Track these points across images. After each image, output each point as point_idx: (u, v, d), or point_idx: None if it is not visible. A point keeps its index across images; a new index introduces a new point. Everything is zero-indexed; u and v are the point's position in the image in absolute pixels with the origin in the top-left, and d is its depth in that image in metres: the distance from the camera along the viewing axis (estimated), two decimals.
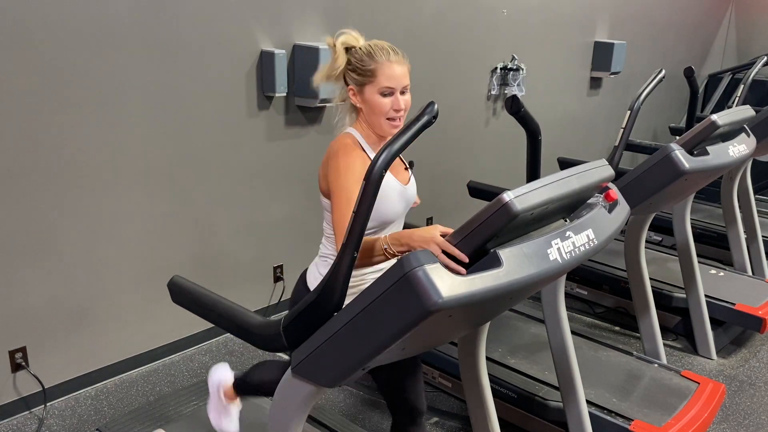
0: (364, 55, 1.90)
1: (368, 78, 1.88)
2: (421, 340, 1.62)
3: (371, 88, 1.89)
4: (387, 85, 1.87)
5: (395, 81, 1.88)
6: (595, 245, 1.61)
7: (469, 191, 3.11)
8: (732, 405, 3.22)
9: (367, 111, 1.93)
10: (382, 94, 1.88)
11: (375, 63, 1.87)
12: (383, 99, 1.89)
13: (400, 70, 1.89)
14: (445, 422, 3.01)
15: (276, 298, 3.83)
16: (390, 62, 1.88)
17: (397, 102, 1.89)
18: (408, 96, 1.93)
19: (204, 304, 1.82)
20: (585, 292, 4.17)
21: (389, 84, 1.87)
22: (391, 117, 1.90)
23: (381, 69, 1.87)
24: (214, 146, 3.32)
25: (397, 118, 1.91)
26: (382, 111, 1.89)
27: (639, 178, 2.82)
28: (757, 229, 4.36)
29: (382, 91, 1.88)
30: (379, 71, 1.87)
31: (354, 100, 1.95)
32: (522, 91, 4.87)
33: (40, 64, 2.66)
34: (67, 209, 2.87)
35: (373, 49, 1.89)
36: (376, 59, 1.88)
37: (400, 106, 1.89)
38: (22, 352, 2.87)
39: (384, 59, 1.87)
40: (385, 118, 1.90)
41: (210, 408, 2.41)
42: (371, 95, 1.89)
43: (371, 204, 1.46)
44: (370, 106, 1.91)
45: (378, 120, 1.91)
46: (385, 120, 1.91)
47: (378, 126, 1.93)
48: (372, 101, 1.90)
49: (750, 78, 4.17)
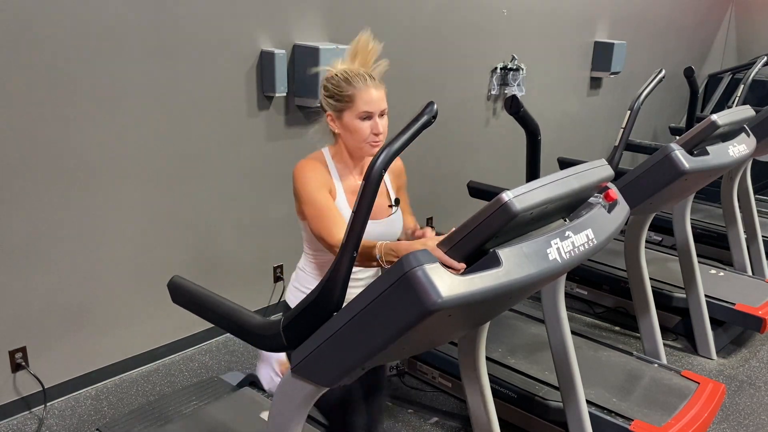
0: (341, 81, 1.91)
1: (346, 104, 1.90)
2: (420, 340, 1.62)
3: (350, 113, 1.90)
4: (366, 110, 1.89)
5: (374, 105, 1.89)
6: (595, 245, 1.61)
7: (469, 191, 3.11)
8: (732, 405, 3.22)
9: (346, 136, 1.95)
10: (360, 119, 1.90)
11: (353, 88, 1.89)
12: (362, 123, 1.90)
13: (377, 94, 1.91)
14: (445, 422, 3.01)
15: (276, 298, 3.84)
16: (368, 87, 1.89)
17: (376, 126, 1.91)
18: (385, 120, 1.95)
19: (204, 304, 1.82)
20: (585, 292, 4.17)
21: (368, 108, 1.89)
22: (371, 141, 1.92)
23: (359, 94, 1.89)
24: (214, 146, 3.32)
25: (376, 141, 1.93)
26: (362, 136, 1.92)
27: (639, 178, 2.82)
28: (757, 229, 4.36)
29: (360, 116, 1.90)
30: (357, 96, 1.89)
31: (332, 126, 1.97)
32: (522, 91, 4.87)
33: (40, 64, 2.66)
34: (67, 209, 2.87)
35: (350, 75, 1.91)
36: (353, 85, 1.89)
37: (379, 130, 1.91)
38: (22, 352, 2.87)
39: (361, 85, 1.89)
40: (365, 142, 1.92)
41: (262, 368, 2.42)
42: (350, 120, 1.91)
43: (370, 204, 1.46)
44: (349, 131, 1.93)
45: (358, 144, 1.94)
46: (365, 144, 1.93)
47: (358, 150, 1.96)
48: (351, 126, 1.91)
49: (750, 78, 4.18)
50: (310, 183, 1.91)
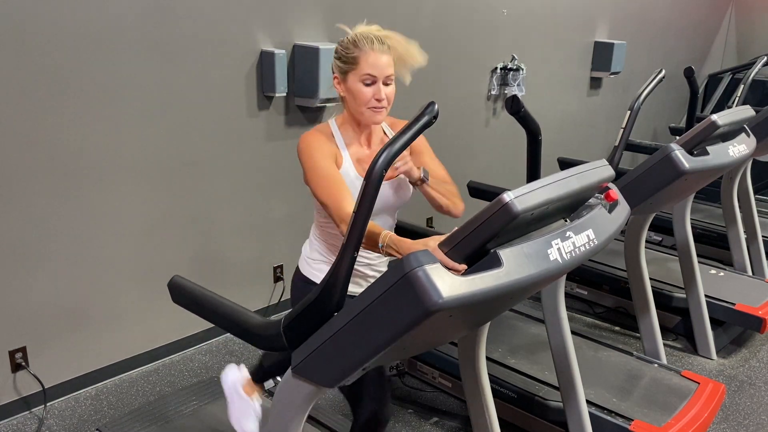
0: (349, 42, 1.89)
1: (351, 65, 1.87)
2: (421, 340, 1.62)
3: (353, 75, 1.87)
4: (369, 73, 1.85)
5: (378, 69, 1.85)
6: (596, 245, 1.61)
7: (469, 191, 3.11)
8: (732, 405, 3.22)
9: (349, 100, 1.92)
10: (363, 82, 1.87)
11: (358, 50, 1.86)
12: (365, 88, 1.87)
13: (384, 59, 1.86)
14: (445, 422, 3.01)
15: (276, 298, 3.83)
16: (374, 51, 1.85)
17: (379, 92, 1.87)
18: (392, 88, 1.91)
19: (204, 304, 1.82)
20: (585, 292, 4.17)
21: (371, 72, 1.85)
22: (373, 106, 1.88)
23: (364, 57, 1.85)
24: (214, 146, 3.32)
25: (378, 107, 1.89)
26: (363, 100, 1.88)
27: (639, 178, 2.82)
28: (757, 229, 4.36)
29: (363, 80, 1.86)
30: (362, 59, 1.85)
31: (338, 88, 1.94)
32: (522, 91, 4.87)
33: (40, 64, 2.66)
34: (67, 209, 2.87)
35: (358, 37, 1.88)
36: (359, 47, 1.86)
37: (381, 96, 1.87)
38: (22, 352, 2.87)
39: (368, 47, 1.86)
40: (367, 107, 1.89)
41: (231, 413, 2.32)
42: (353, 83, 1.88)
43: (371, 204, 1.46)
44: (352, 95, 1.90)
45: (359, 109, 1.90)
46: (366, 109, 1.89)
47: (360, 114, 1.92)
48: (354, 89, 1.88)
49: (750, 78, 4.18)
50: (314, 153, 1.88)
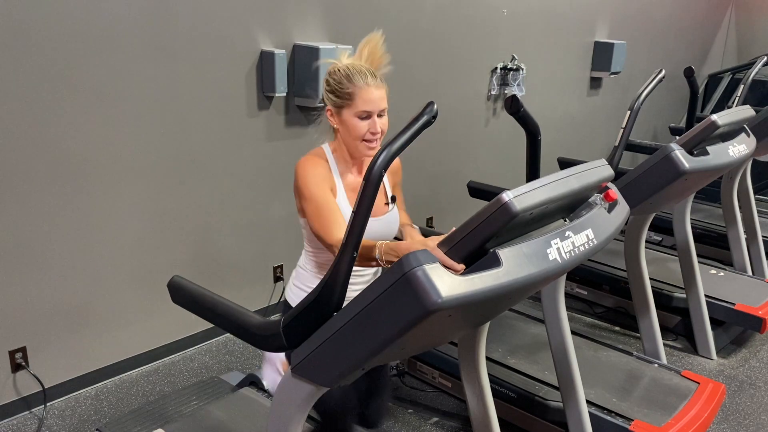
0: (342, 77, 1.91)
1: (346, 101, 1.90)
2: (420, 340, 1.62)
3: (349, 110, 1.91)
4: (364, 109, 1.89)
5: (373, 105, 1.89)
6: (595, 245, 1.61)
7: (469, 191, 3.11)
8: (732, 405, 3.22)
9: (343, 132, 1.95)
10: (359, 117, 1.90)
11: (353, 86, 1.89)
12: (360, 122, 1.90)
13: (378, 93, 1.90)
14: (445, 422, 3.01)
15: (276, 298, 3.84)
16: (368, 86, 1.89)
17: (374, 125, 1.91)
18: (385, 119, 1.95)
19: (204, 304, 1.82)
20: (585, 292, 4.17)
21: (367, 108, 1.89)
22: (368, 139, 1.92)
23: (359, 93, 1.88)
24: (214, 146, 3.32)
25: (373, 141, 1.93)
26: (359, 134, 1.91)
27: (639, 178, 2.81)
28: (757, 229, 4.36)
29: (359, 115, 1.90)
30: (357, 95, 1.88)
31: (331, 120, 1.97)
32: (522, 91, 4.87)
33: (40, 64, 2.66)
34: (66, 209, 2.87)
35: (352, 72, 1.90)
36: (354, 83, 1.89)
37: (376, 129, 1.91)
38: (22, 352, 2.87)
39: (362, 83, 1.89)
40: (362, 140, 1.92)
41: (266, 370, 2.45)
42: (348, 118, 1.91)
43: (370, 204, 1.46)
44: (347, 128, 1.93)
45: (354, 142, 1.94)
46: (361, 142, 1.93)
47: (354, 148, 1.95)
48: (349, 124, 1.92)
49: (750, 78, 4.17)
50: (311, 180, 1.91)
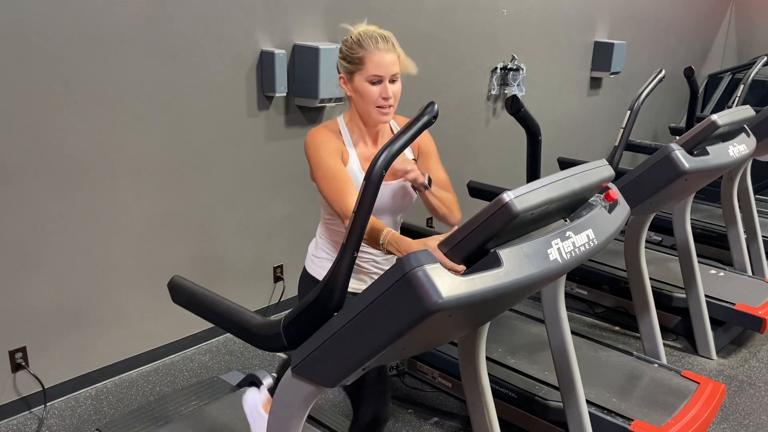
0: (353, 43, 1.90)
1: (357, 66, 1.88)
2: (421, 340, 1.62)
3: (360, 76, 1.89)
4: (375, 73, 1.87)
5: (383, 69, 1.87)
6: (595, 245, 1.61)
7: (469, 191, 3.11)
8: (732, 405, 3.22)
9: (356, 99, 1.94)
10: (370, 82, 1.88)
11: (363, 51, 1.87)
12: (372, 87, 1.89)
13: (389, 57, 1.88)
14: (445, 422, 3.01)
15: (276, 298, 3.83)
16: (378, 50, 1.87)
17: (386, 90, 1.88)
18: (398, 85, 1.92)
19: (204, 304, 1.82)
20: (585, 292, 4.17)
21: (377, 72, 1.87)
22: (380, 105, 1.90)
23: (369, 57, 1.87)
24: (214, 146, 3.32)
25: (386, 106, 1.90)
26: (370, 99, 1.89)
27: (639, 178, 2.81)
28: (757, 229, 4.36)
29: (370, 79, 1.88)
30: (368, 59, 1.87)
31: (344, 88, 1.96)
32: (522, 91, 4.87)
33: (41, 64, 2.66)
34: (66, 209, 2.87)
35: (362, 37, 1.89)
36: (364, 47, 1.87)
37: (388, 94, 1.89)
38: (22, 352, 2.87)
39: (373, 47, 1.87)
40: (374, 106, 1.90)
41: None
42: (360, 83, 1.90)
43: (371, 204, 1.46)
44: (359, 94, 1.91)
45: (367, 108, 1.92)
46: (374, 108, 1.91)
47: (367, 114, 1.93)
48: (361, 89, 1.90)
49: (750, 78, 4.17)
50: (321, 149, 1.90)
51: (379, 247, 1.72)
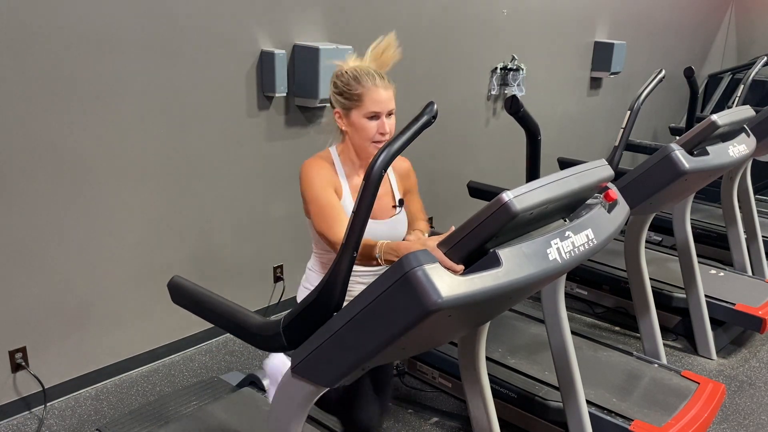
0: (350, 79, 1.92)
1: (355, 102, 1.91)
2: (421, 340, 1.62)
3: (357, 112, 1.91)
4: (373, 110, 1.90)
5: (381, 105, 1.90)
6: (595, 245, 1.61)
7: (469, 191, 3.11)
8: (732, 405, 3.22)
9: (352, 134, 1.96)
10: (368, 118, 1.91)
11: (362, 87, 1.90)
12: (369, 123, 1.91)
13: (386, 94, 1.91)
14: (445, 422, 3.01)
15: (276, 298, 3.83)
16: (376, 87, 1.90)
17: (383, 125, 1.91)
18: (393, 120, 1.95)
19: (204, 304, 1.82)
20: (585, 292, 4.17)
21: (376, 108, 1.90)
22: (377, 140, 1.93)
23: (368, 94, 1.89)
24: (214, 146, 3.32)
25: (382, 141, 1.93)
26: (368, 135, 1.92)
27: (639, 178, 2.81)
28: (757, 229, 4.36)
29: (368, 115, 1.91)
30: (366, 96, 1.89)
31: (339, 123, 1.98)
32: (522, 91, 4.87)
33: (40, 64, 2.66)
34: (67, 209, 2.87)
35: (360, 74, 1.91)
36: (362, 84, 1.90)
37: (385, 130, 1.92)
38: (22, 352, 2.87)
39: (370, 84, 1.90)
40: (371, 141, 1.93)
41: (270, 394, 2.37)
42: (357, 119, 1.92)
43: (370, 204, 1.46)
44: (356, 130, 1.94)
45: (363, 143, 1.94)
46: (370, 143, 1.93)
47: (363, 149, 1.96)
48: (358, 125, 1.92)
49: (750, 78, 4.17)
50: (315, 181, 1.92)
51: (376, 261, 1.73)
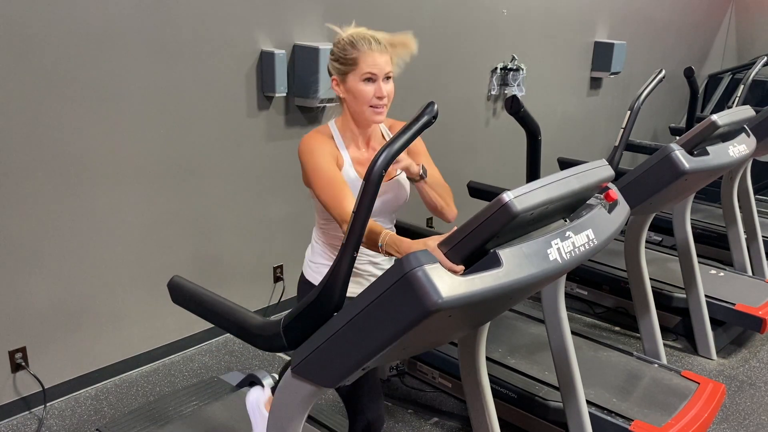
0: (346, 44, 1.92)
1: (350, 66, 1.90)
2: (421, 340, 1.62)
3: (353, 76, 1.91)
4: (369, 71, 1.89)
5: (377, 68, 1.89)
6: (595, 245, 1.61)
7: (469, 191, 3.11)
8: (732, 405, 3.22)
9: (350, 100, 1.95)
10: (364, 81, 1.90)
11: (357, 51, 1.89)
12: (366, 86, 1.90)
13: (382, 58, 1.90)
14: (445, 422, 3.01)
15: (276, 298, 3.83)
16: (371, 50, 1.89)
17: (380, 89, 1.90)
18: (391, 85, 1.94)
19: (204, 304, 1.82)
20: (585, 292, 4.17)
21: (371, 70, 1.89)
22: (374, 104, 1.91)
23: (363, 57, 1.89)
24: (214, 146, 3.32)
25: (380, 106, 1.92)
26: (365, 98, 1.91)
27: (639, 178, 2.81)
28: (757, 229, 4.36)
29: (364, 78, 1.89)
30: (361, 59, 1.89)
31: (337, 90, 1.97)
32: (522, 91, 4.87)
33: (41, 64, 2.66)
34: (67, 209, 2.87)
35: (355, 39, 1.91)
36: (357, 48, 1.90)
37: (382, 93, 1.91)
38: (22, 352, 2.87)
39: (366, 48, 1.89)
40: (368, 105, 1.92)
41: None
42: (354, 83, 1.91)
43: (371, 204, 1.46)
44: (353, 95, 1.92)
45: (361, 108, 1.93)
46: (368, 108, 1.92)
47: (361, 114, 1.94)
48: (355, 89, 1.91)
49: (750, 78, 4.17)
50: (317, 154, 1.91)
51: (378, 249, 1.72)
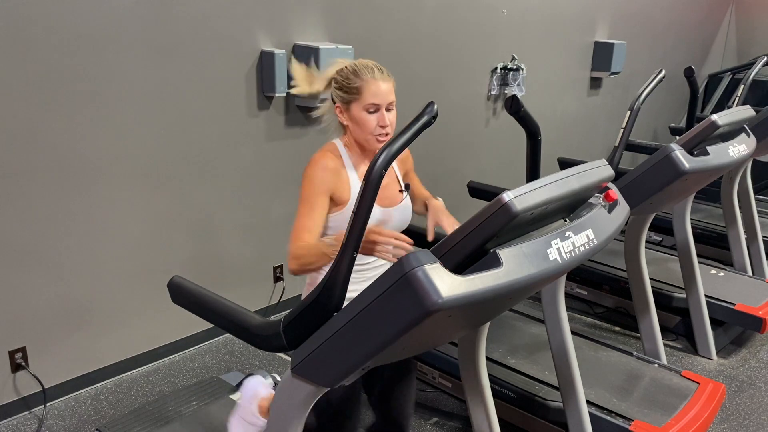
0: (349, 73, 1.94)
1: (354, 95, 1.93)
2: (421, 340, 1.62)
3: (357, 105, 1.93)
4: (373, 102, 1.91)
5: (381, 98, 1.92)
6: (595, 245, 1.61)
7: (469, 191, 3.11)
8: (732, 405, 3.22)
9: (353, 128, 1.98)
10: (368, 111, 1.92)
11: (360, 81, 1.92)
12: (369, 116, 1.93)
13: (386, 87, 1.93)
14: (445, 422, 3.01)
15: (276, 298, 3.83)
16: (375, 80, 1.92)
17: (383, 118, 1.93)
18: (394, 113, 1.97)
19: (204, 305, 1.82)
20: (585, 292, 4.17)
21: (375, 101, 1.91)
22: (378, 134, 1.94)
23: (366, 86, 1.91)
24: (214, 146, 3.32)
25: (383, 134, 1.95)
26: (368, 128, 1.94)
27: (639, 178, 2.81)
28: (757, 229, 4.36)
29: (367, 108, 1.92)
30: (365, 89, 1.91)
31: (341, 117, 2.00)
32: (522, 91, 4.87)
33: (41, 64, 2.66)
34: (66, 209, 2.87)
35: (359, 68, 1.94)
36: (361, 77, 1.92)
37: (385, 122, 1.93)
38: (22, 352, 2.87)
39: (369, 77, 1.92)
40: (372, 135, 1.95)
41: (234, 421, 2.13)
42: (357, 112, 1.94)
43: (370, 205, 1.46)
44: (356, 123, 1.95)
45: (364, 136, 1.96)
46: (372, 137, 1.95)
47: (364, 142, 1.98)
48: (358, 118, 1.94)
49: (750, 78, 4.17)
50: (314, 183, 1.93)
51: (329, 257, 1.76)
